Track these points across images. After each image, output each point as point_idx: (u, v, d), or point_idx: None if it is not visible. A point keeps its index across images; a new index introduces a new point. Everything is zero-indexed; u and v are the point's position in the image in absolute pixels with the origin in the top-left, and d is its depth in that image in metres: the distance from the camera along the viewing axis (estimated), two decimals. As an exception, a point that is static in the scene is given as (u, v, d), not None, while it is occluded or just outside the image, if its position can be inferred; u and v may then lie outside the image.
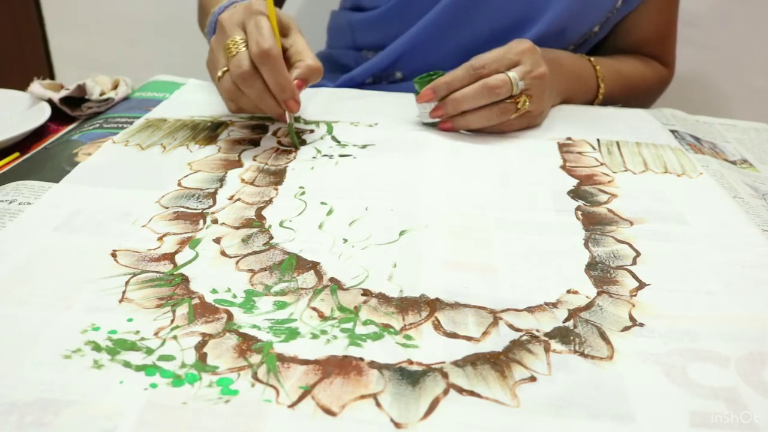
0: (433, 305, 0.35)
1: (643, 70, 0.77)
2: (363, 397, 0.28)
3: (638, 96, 0.77)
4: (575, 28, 0.72)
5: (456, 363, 0.31)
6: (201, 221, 0.42)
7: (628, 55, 0.78)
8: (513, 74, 0.55)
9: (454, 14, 0.70)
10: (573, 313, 0.35)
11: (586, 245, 0.41)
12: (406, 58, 0.74)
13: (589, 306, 0.35)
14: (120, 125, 0.58)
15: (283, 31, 0.55)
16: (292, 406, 0.28)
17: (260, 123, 0.59)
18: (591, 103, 0.71)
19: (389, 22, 0.75)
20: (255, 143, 0.55)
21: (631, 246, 0.41)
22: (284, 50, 0.54)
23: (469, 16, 0.70)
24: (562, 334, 0.33)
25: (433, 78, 0.57)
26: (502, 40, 0.59)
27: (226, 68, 0.52)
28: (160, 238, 0.40)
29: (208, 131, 0.57)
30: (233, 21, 0.53)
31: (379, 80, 0.77)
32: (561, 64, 0.64)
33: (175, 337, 0.32)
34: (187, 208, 0.44)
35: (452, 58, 0.67)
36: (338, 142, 0.56)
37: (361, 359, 0.31)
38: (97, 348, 0.31)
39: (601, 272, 0.38)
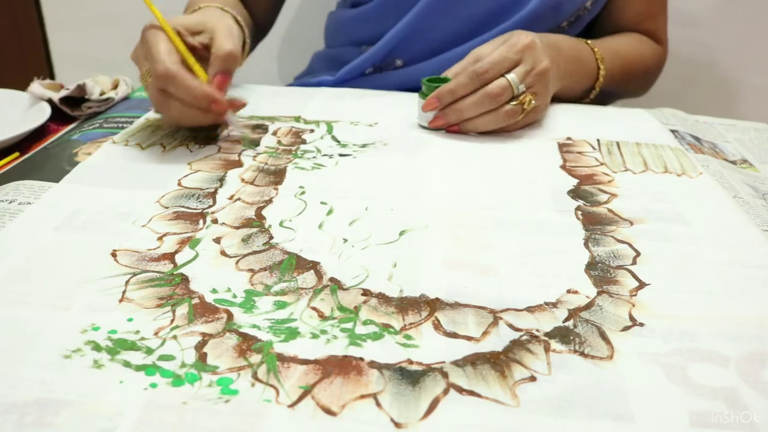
0: (433, 305, 0.35)
1: (639, 48, 0.77)
2: (363, 396, 0.28)
3: (638, 75, 0.76)
4: (569, 2, 0.72)
5: (456, 363, 0.31)
6: (201, 221, 0.42)
7: (622, 34, 0.77)
8: (512, 77, 0.55)
9: None
10: (573, 313, 0.35)
11: (586, 245, 0.41)
12: (405, 45, 0.74)
13: (589, 306, 0.35)
14: (120, 125, 0.58)
15: (195, 29, 0.55)
16: (292, 405, 0.28)
17: (260, 123, 0.59)
18: (593, 86, 0.70)
19: (385, 13, 0.75)
20: (255, 143, 0.55)
21: (631, 246, 0.41)
22: (204, 48, 0.54)
23: None
24: (562, 334, 0.33)
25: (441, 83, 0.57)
26: (498, 19, 0.58)
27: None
28: (160, 238, 0.40)
29: (208, 131, 0.57)
30: (138, 56, 0.54)
31: (380, 69, 0.77)
32: (559, 49, 0.64)
33: (175, 337, 0.32)
34: (187, 207, 0.44)
35: (450, 39, 0.66)
36: (338, 141, 0.56)
37: (361, 359, 0.31)
38: (97, 348, 0.31)
39: (601, 272, 0.38)
